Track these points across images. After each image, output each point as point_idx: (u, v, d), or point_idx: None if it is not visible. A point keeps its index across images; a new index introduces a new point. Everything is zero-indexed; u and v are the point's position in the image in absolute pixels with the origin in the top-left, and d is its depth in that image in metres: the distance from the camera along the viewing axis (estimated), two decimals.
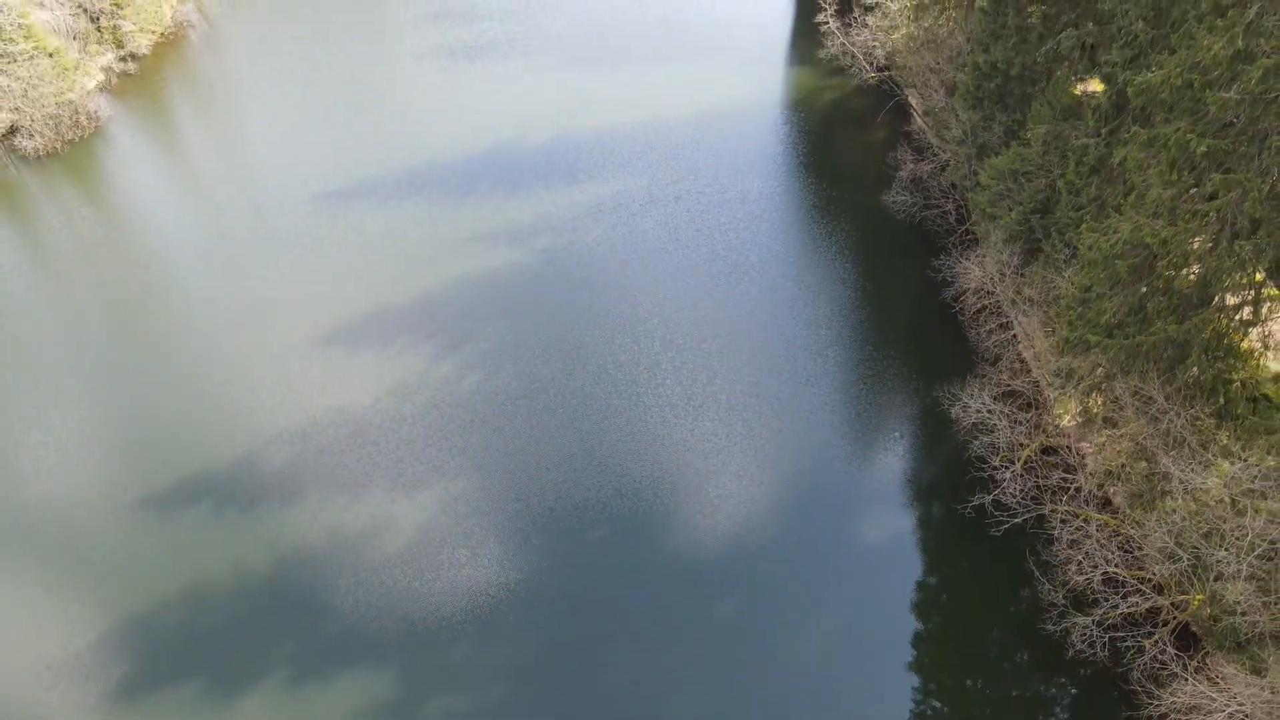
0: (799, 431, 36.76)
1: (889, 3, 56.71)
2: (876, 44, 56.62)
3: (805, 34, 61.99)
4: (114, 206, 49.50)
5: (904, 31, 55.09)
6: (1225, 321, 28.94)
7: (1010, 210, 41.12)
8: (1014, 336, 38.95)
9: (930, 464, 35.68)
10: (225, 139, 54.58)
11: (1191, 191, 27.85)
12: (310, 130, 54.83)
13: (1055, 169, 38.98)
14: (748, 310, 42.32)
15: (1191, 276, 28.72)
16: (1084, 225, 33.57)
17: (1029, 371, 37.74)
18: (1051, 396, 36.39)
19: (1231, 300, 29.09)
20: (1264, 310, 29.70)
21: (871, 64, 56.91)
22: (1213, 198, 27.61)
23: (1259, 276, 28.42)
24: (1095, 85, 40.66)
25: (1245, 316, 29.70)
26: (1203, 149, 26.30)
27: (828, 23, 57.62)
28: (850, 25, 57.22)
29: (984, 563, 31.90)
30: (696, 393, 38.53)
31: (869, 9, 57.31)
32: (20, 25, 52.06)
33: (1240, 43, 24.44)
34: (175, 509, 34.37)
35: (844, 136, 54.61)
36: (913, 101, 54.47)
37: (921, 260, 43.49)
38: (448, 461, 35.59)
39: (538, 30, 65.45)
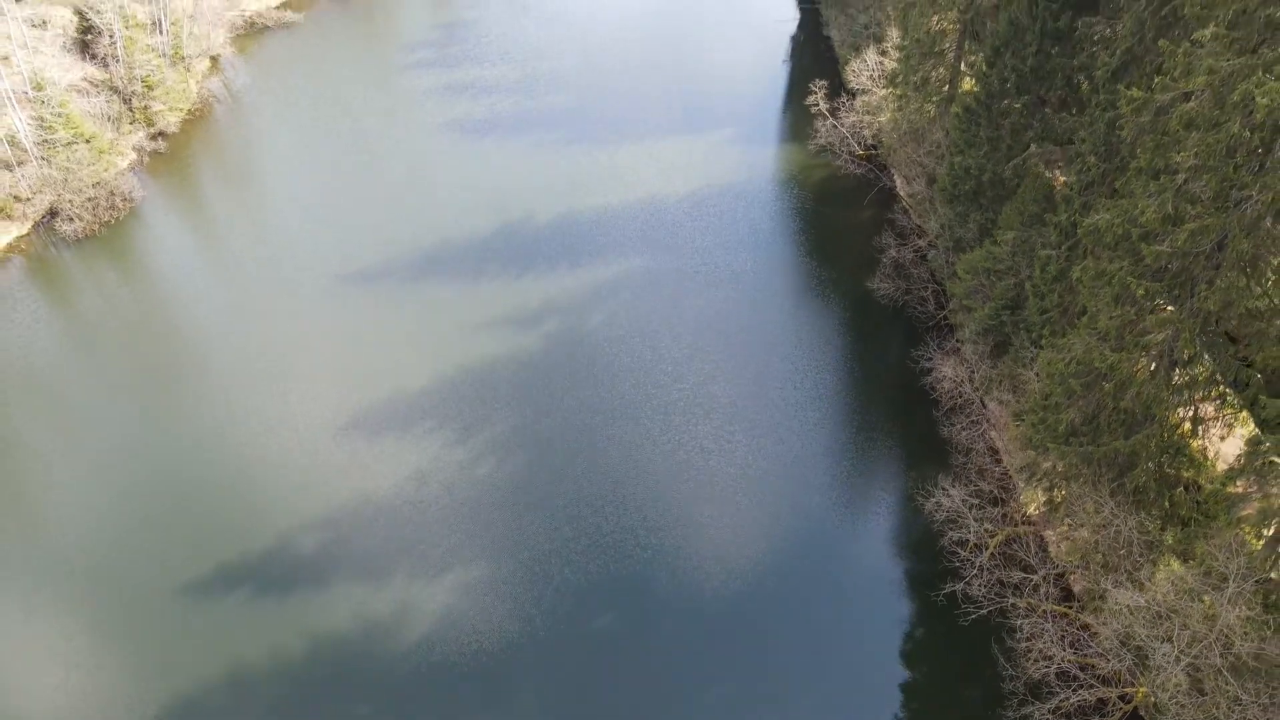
0: (783, 515, 39.88)
1: (875, 89, 60.38)
2: (864, 126, 60.28)
3: (796, 112, 65.58)
4: (148, 287, 52.78)
5: (889, 115, 58.72)
6: (1166, 436, 32.15)
7: (983, 305, 44.48)
8: (987, 422, 42.16)
9: (907, 551, 38.78)
10: (250, 217, 57.90)
11: (1134, 321, 31.12)
12: (330, 208, 58.15)
13: (1024, 270, 42.31)
14: (742, 393, 45.51)
15: (1138, 396, 31.93)
16: (1044, 341, 36.86)
17: (999, 461, 40.97)
18: (1019, 485, 39.64)
19: (1174, 417, 32.33)
20: (1201, 429, 33.02)
21: (860, 143, 60.50)
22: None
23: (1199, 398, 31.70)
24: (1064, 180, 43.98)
25: (1185, 430, 33.00)
26: (1141, 291, 29.57)
27: (818, 105, 61.30)
28: (838, 110, 60.80)
29: (952, 650, 34.96)
30: (693, 476, 41.69)
31: (855, 95, 60.96)
32: (60, 114, 55.56)
33: (1170, 208, 27.75)
34: (206, 593, 37.21)
35: (832, 216, 57.97)
36: (897, 185, 57.94)
37: (903, 347, 46.77)
38: (464, 545, 38.71)
39: (544, 104, 69.06)
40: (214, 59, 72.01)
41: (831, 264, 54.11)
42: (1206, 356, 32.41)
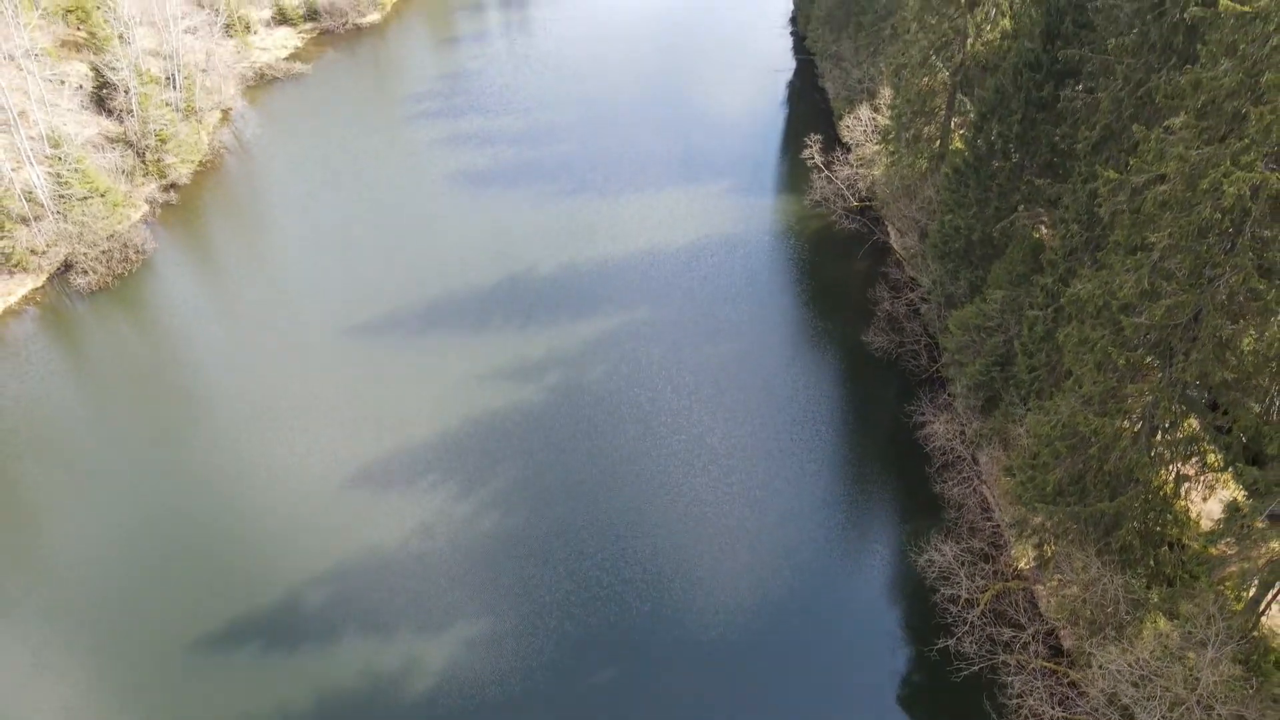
0: (779, 568, 40.74)
1: (868, 144, 62.12)
2: (858, 179, 61.93)
3: (793, 163, 67.32)
4: (159, 339, 54.00)
5: (882, 168, 60.37)
6: (1149, 498, 33.19)
7: (974, 360, 45.70)
8: (978, 477, 43.19)
9: (900, 605, 39.62)
10: (259, 268, 59.30)
11: (1116, 388, 32.30)
12: (337, 260, 59.59)
13: (1012, 328, 43.57)
14: (740, 445, 46.54)
15: (1121, 459, 33.02)
16: (1031, 402, 38.04)
17: (991, 515, 41.96)
18: (1010, 539, 40.61)
19: (1158, 479, 33.39)
20: (1183, 490, 34.10)
21: (854, 195, 62.12)
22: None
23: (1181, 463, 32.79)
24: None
25: (1169, 490, 34.06)
26: (1122, 361, 30.81)
27: (813, 158, 63.02)
28: (833, 163, 62.49)
29: (944, 705, 35.72)
30: (691, 528, 42.61)
31: (849, 149, 62.66)
32: (77, 170, 57.15)
33: (1146, 284, 29.04)
34: (213, 644, 37.96)
35: (828, 267, 59.39)
36: (891, 237, 59.42)
37: (897, 400, 47.92)
38: (468, 599, 39.55)
39: (546, 154, 70.83)
40: (225, 111, 73.82)
41: (827, 315, 55.42)
42: (1187, 422, 33.58)
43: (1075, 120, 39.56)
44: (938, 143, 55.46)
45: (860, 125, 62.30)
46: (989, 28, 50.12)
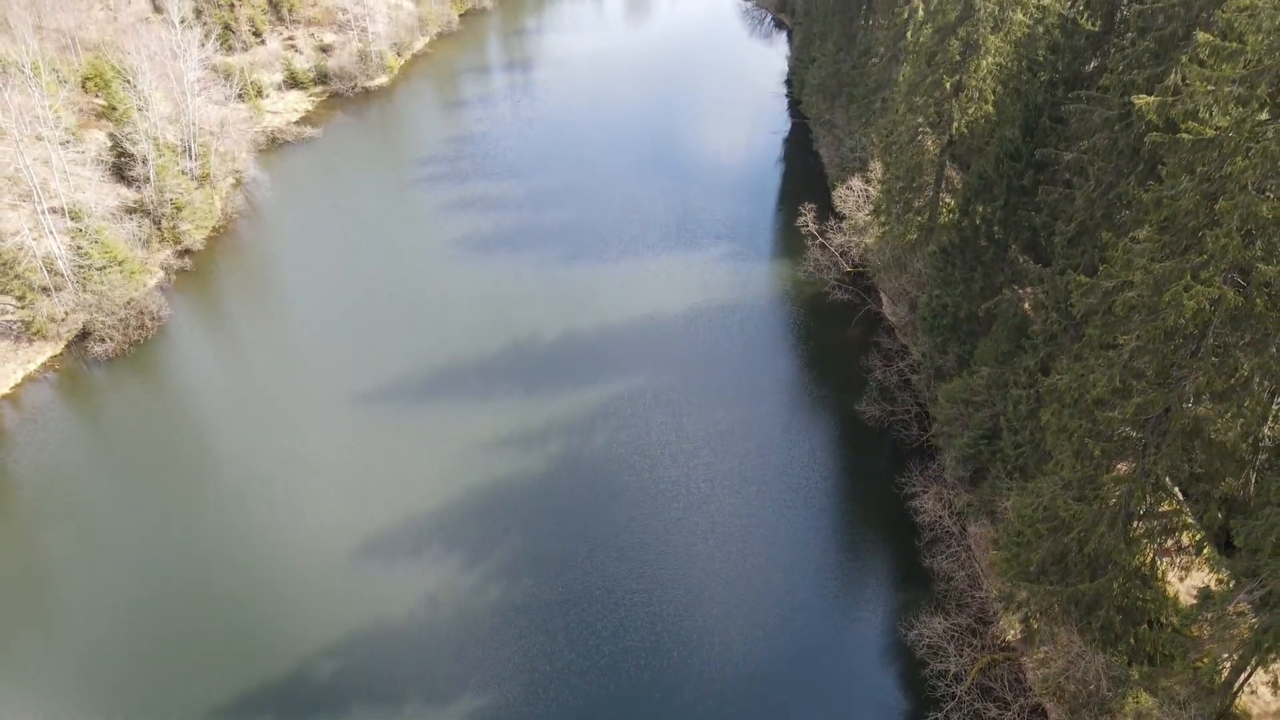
0: (773, 640, 41.96)
1: (859, 213, 64.31)
2: (851, 246, 64.01)
3: (788, 228, 69.46)
4: (173, 407, 55.61)
5: (874, 237, 62.45)
6: (1126, 581, 34.63)
7: (962, 433, 47.32)
8: (967, 550, 44.57)
9: (890, 678, 40.76)
10: (270, 335, 61.12)
11: (1093, 476, 33.88)
12: (346, 326, 61.43)
13: (998, 404, 45.23)
14: (736, 513, 47.95)
15: (1099, 544, 34.50)
16: (1014, 483, 39.62)
17: (980, 585, 43.29)
18: (997, 610, 41.91)
19: (1135, 560, 34.84)
20: (1160, 570, 35.54)
21: (848, 261, 64.15)
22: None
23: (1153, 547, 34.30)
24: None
25: (1146, 571, 35.51)
26: (1098, 451, 32.45)
27: (807, 225, 65.18)
28: (827, 230, 64.64)
29: None
30: (689, 597, 43.83)
31: (842, 219, 64.85)
32: (96, 241, 59.23)
33: (1118, 382, 30.77)
34: (221, 713, 39.24)
35: (822, 333, 61.20)
36: (884, 304, 61.32)
37: (889, 469, 49.38)
38: (473, 670, 40.71)
39: (548, 219, 73.06)
40: (237, 175, 76.15)
41: (821, 383, 57.13)
42: (1168, 502, 35.11)
43: (1054, 211, 41.58)
44: (926, 216, 57.54)
45: (852, 195, 64.47)
46: (973, 109, 52.38)
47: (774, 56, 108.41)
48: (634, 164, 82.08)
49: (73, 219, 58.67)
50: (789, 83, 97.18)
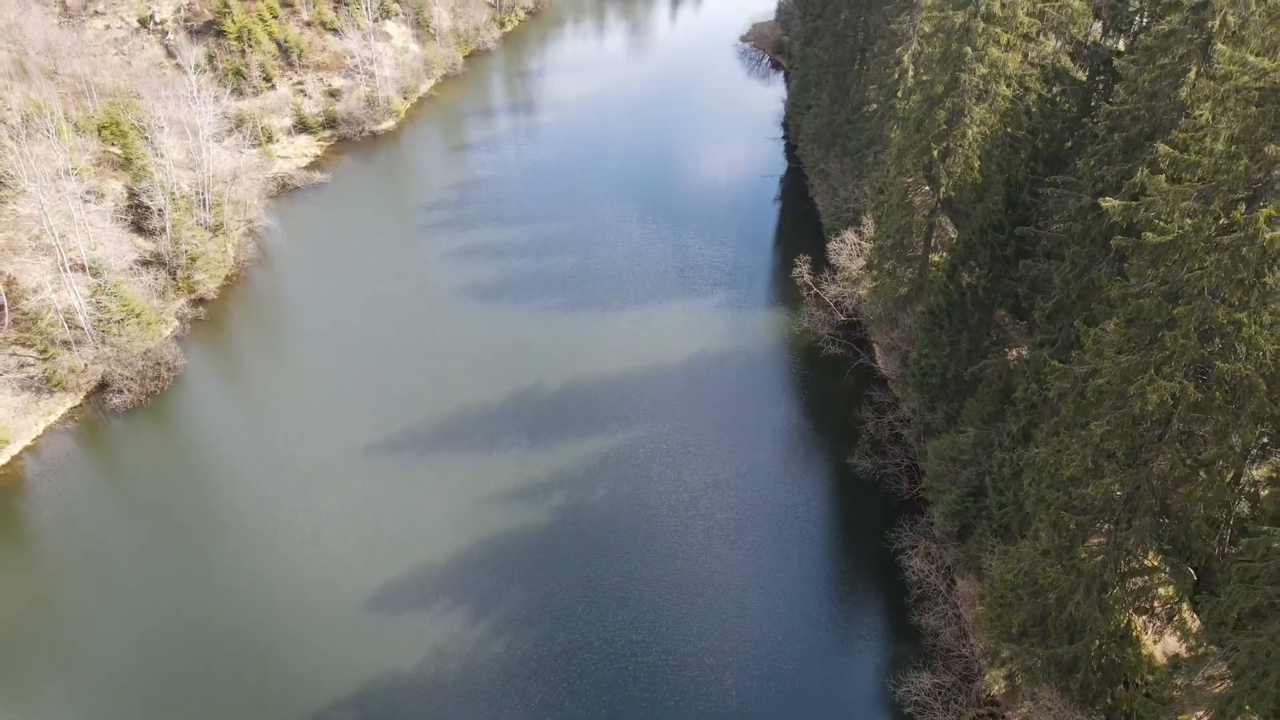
0: (768, 693, 43.75)
1: (853, 265, 66.44)
2: (845, 297, 66.09)
3: (783, 277, 71.60)
4: (188, 458, 57.50)
5: (867, 289, 64.53)
6: (1103, 645, 36.44)
7: (950, 489, 49.22)
8: (954, 606, 46.35)
9: None
10: (282, 386, 62.99)
11: (1069, 546, 35.77)
12: (355, 376, 63.36)
13: (984, 463, 47.16)
14: (734, 567, 49.78)
15: (1076, 609, 36.34)
16: (997, 547, 41.51)
17: (967, 638, 45.06)
18: (982, 666, 43.66)
19: (1110, 625, 36.66)
20: (1136, 632, 37.34)
21: (842, 310, 66.21)
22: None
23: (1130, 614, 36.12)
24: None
25: (1122, 633, 37.31)
26: (1073, 524, 34.37)
27: (803, 276, 67.31)
28: (821, 282, 66.76)
29: None
30: (686, 646, 45.63)
31: (837, 270, 66.97)
32: (115, 295, 61.30)
33: (1090, 462, 32.73)
34: None
35: (816, 384, 63.14)
36: (876, 354, 63.34)
37: (880, 522, 51.18)
38: None
39: (551, 266, 75.17)
40: (250, 222, 78.26)
41: (815, 434, 59.09)
42: (1148, 558, 36.95)
43: (1034, 284, 43.66)
44: (916, 273, 59.60)
45: (846, 248, 66.61)
46: (959, 171, 54.51)
47: (770, 97, 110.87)
48: (635, 208, 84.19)
49: (93, 275, 60.75)
50: (785, 126, 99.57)
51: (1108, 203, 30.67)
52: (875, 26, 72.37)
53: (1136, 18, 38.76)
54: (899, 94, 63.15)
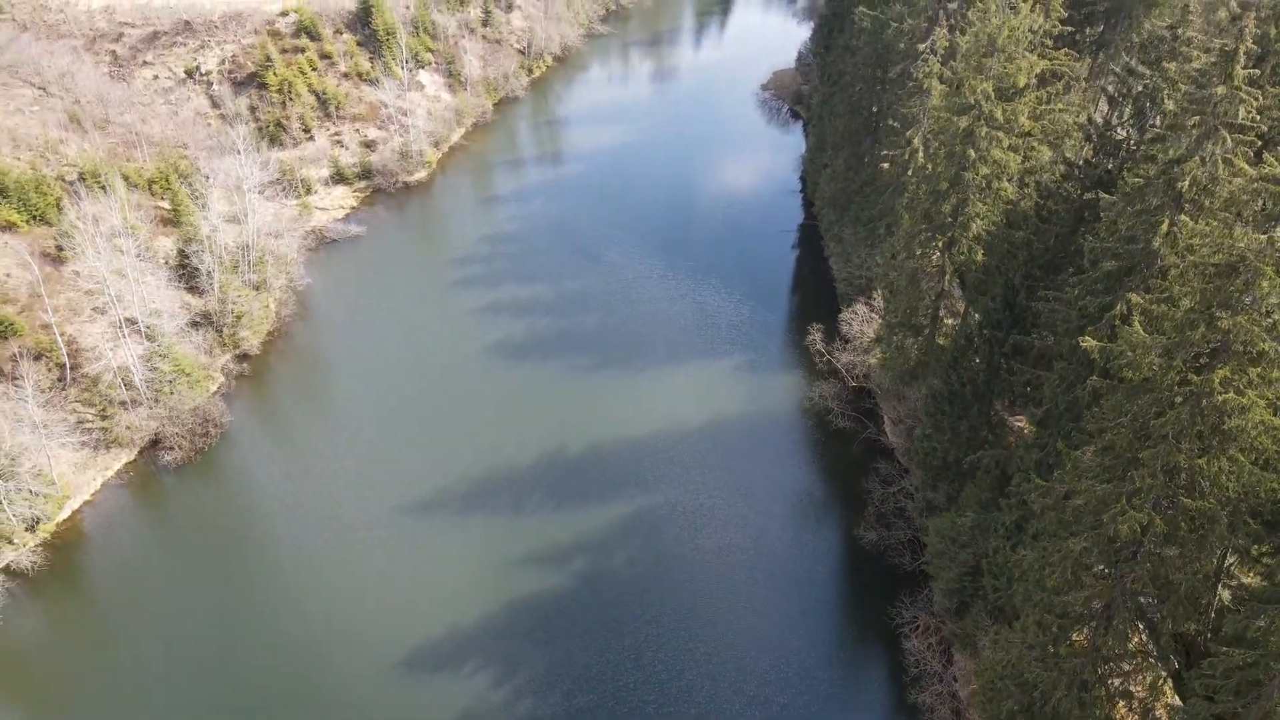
0: None
1: (865, 332, 69.55)
2: (855, 365, 69.19)
3: (798, 338, 74.78)
4: (235, 512, 61.35)
5: (877, 358, 67.62)
6: None
7: (949, 567, 52.16)
8: (951, 682, 49.27)
9: None
10: (321, 443, 66.73)
11: (1053, 646, 38.71)
12: (391, 434, 67.12)
13: (980, 545, 50.11)
14: (747, 634, 53.00)
15: (1059, 704, 39.25)
16: (993, 622, 44.46)
17: (962, 715, 47.98)
18: None
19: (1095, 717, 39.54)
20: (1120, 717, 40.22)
21: (853, 376, 69.30)
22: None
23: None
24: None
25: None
26: (1055, 627, 37.35)
27: (816, 342, 70.51)
28: (834, 350, 69.91)
29: None
30: (699, 715, 48.93)
31: (848, 341, 70.11)
32: (167, 356, 65.50)
33: (1069, 575, 35.73)
34: None
35: (827, 452, 66.24)
36: (885, 423, 66.35)
37: (881, 598, 54.19)
38: None
39: (575, 325, 78.74)
40: (290, 278, 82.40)
41: (824, 504, 62.28)
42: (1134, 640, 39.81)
43: (1028, 385, 46.66)
44: (923, 350, 62.60)
45: (857, 319, 69.72)
46: (964, 258, 57.51)
47: (790, 146, 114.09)
48: (656, 264, 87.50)
49: (149, 339, 64.97)
50: (803, 180, 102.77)
51: (1087, 343, 33.73)
52: (888, 103, 75.57)
53: (1123, 146, 41.76)
54: (909, 172, 66.28)
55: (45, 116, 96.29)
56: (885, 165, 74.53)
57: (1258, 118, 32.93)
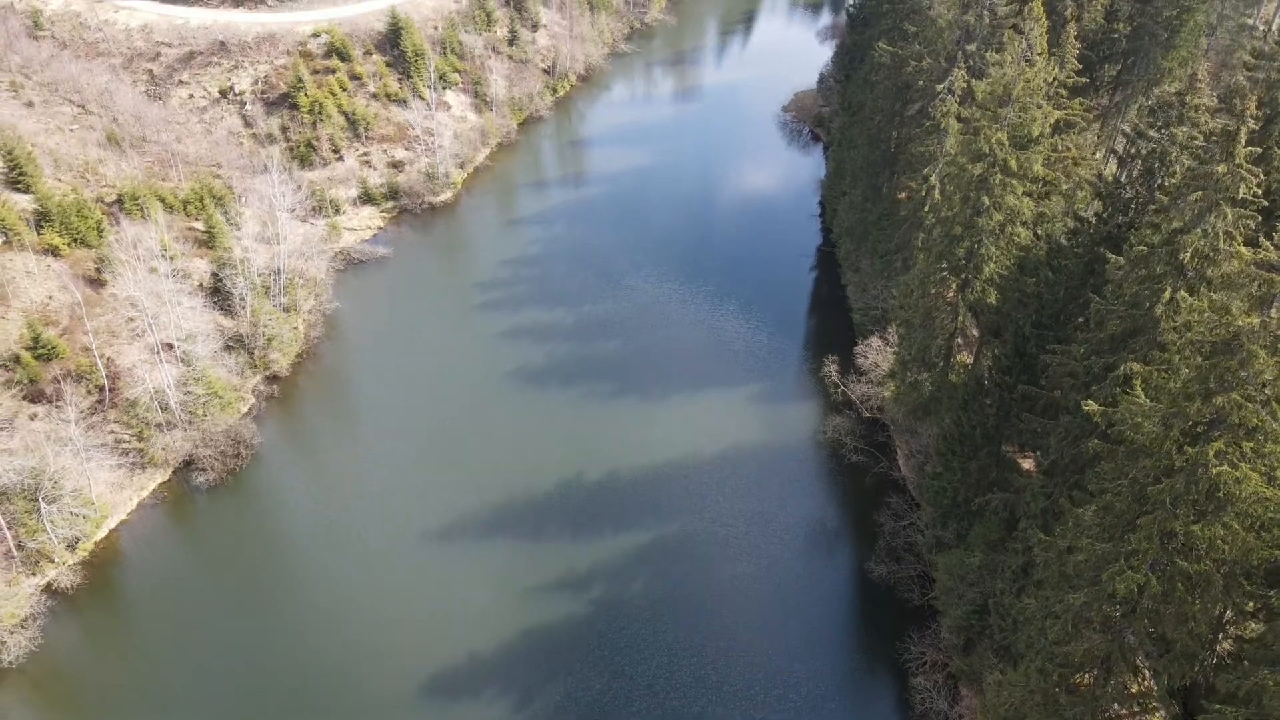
0: None
1: (880, 364, 70.77)
2: (870, 397, 70.43)
3: (814, 369, 76.08)
4: (265, 532, 63.66)
5: (890, 392, 68.82)
6: None
7: (957, 604, 53.36)
8: (960, 717, 50.49)
9: None
10: (347, 465, 68.77)
11: (1053, 696, 39.89)
12: (415, 456, 69.13)
13: (988, 584, 51.28)
14: (755, 668, 54.47)
15: None
16: (995, 671, 45.68)
17: None
18: None
19: None
20: None
21: (868, 408, 70.54)
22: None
23: None
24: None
25: None
26: (1055, 675, 38.54)
27: (831, 374, 71.81)
28: (849, 382, 71.20)
29: None
30: None
31: (863, 374, 71.36)
32: (201, 379, 67.83)
33: (1069, 629, 36.92)
34: None
35: (840, 482, 67.56)
36: (899, 456, 67.55)
37: (890, 633, 55.47)
38: None
39: (594, 352, 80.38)
40: (319, 300, 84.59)
41: (836, 535, 63.69)
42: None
43: (1035, 435, 47.81)
44: (936, 385, 63.75)
45: (872, 352, 70.96)
46: (977, 298, 58.59)
47: (810, 167, 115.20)
48: (676, 287, 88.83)
49: (185, 364, 67.32)
50: (822, 205, 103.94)
51: (1089, 406, 34.98)
52: (906, 138, 76.75)
53: (1132, 204, 42.85)
54: (926, 208, 67.45)
55: (84, 135, 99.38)
56: (903, 196, 75.62)
57: (1259, 193, 34.05)
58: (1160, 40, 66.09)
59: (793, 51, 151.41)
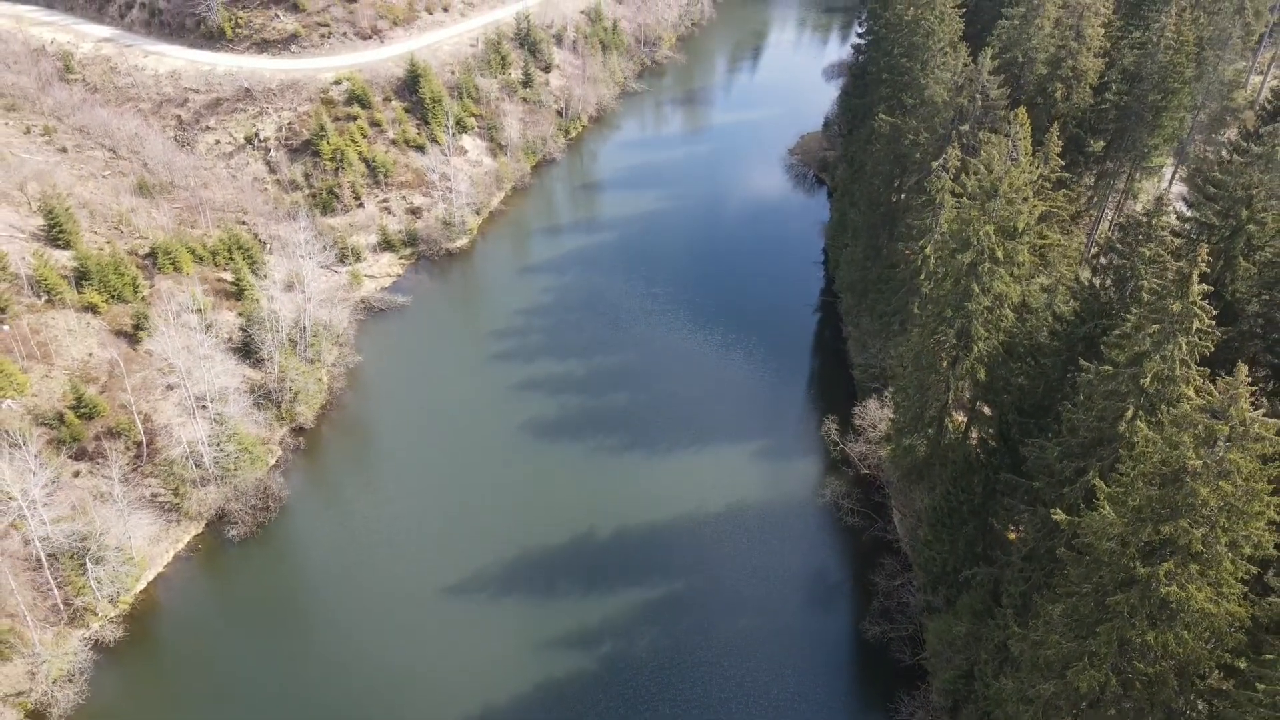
0: None
1: (875, 429, 74.16)
2: (868, 455, 73.82)
3: (814, 426, 79.50)
4: (293, 583, 67.44)
5: (887, 454, 72.20)
6: None
7: (945, 668, 56.70)
8: None
9: None
10: (370, 518, 72.49)
11: None
12: (433, 505, 72.83)
13: (973, 651, 54.60)
14: None
15: None
16: None
17: None
18: None
19: None
20: None
21: (865, 465, 73.93)
22: None
23: None
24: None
25: None
26: None
27: (830, 434, 75.21)
28: (847, 441, 74.61)
29: None
30: None
31: (861, 434, 74.77)
32: (233, 436, 71.72)
33: (1041, 715, 40.23)
34: None
35: (835, 542, 70.95)
36: (895, 516, 70.92)
37: (882, 694, 58.84)
38: None
39: (604, 405, 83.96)
40: (342, 352, 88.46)
41: (832, 593, 67.07)
42: None
43: (1017, 521, 51.15)
44: (929, 451, 67.09)
45: (869, 413, 74.36)
46: (966, 375, 61.98)
47: (815, 212, 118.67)
48: (683, 338, 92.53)
49: (217, 423, 71.23)
50: (825, 253, 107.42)
51: (1057, 515, 38.38)
52: (904, 204, 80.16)
53: (1106, 310, 46.18)
54: (922, 276, 70.83)
55: (117, 183, 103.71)
56: (901, 264, 78.97)
57: (1210, 325, 37.40)
58: (1146, 120, 69.34)
59: (799, 88, 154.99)
